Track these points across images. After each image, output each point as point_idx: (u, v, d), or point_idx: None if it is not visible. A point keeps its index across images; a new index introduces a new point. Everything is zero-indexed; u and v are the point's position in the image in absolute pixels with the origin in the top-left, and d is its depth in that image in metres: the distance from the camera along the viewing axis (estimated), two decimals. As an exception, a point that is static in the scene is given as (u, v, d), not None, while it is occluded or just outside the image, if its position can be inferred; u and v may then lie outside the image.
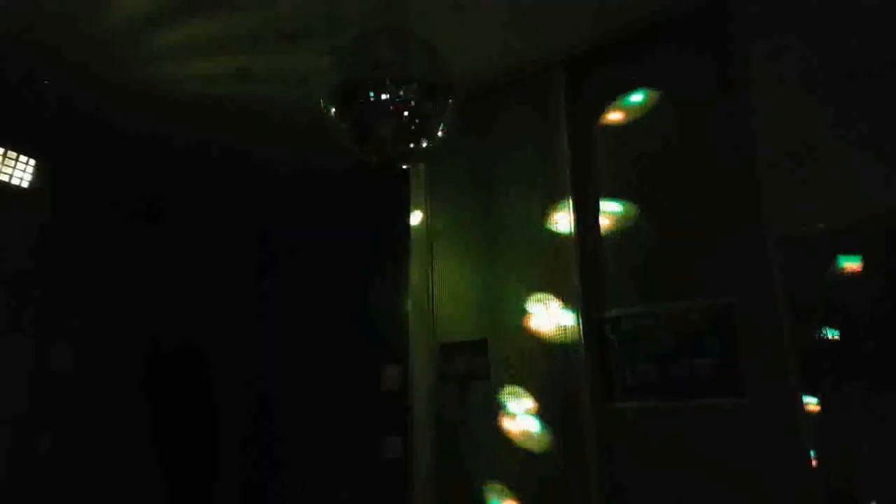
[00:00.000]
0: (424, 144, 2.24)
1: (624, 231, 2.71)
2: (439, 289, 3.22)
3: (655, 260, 2.59)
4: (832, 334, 2.17)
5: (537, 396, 2.77)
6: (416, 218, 3.42)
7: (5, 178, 3.39)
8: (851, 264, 2.15)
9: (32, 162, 3.49)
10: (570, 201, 2.83)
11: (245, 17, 2.59)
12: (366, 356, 3.88)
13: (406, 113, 2.07)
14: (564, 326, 2.73)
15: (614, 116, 2.83)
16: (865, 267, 2.12)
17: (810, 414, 2.14)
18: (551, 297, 2.81)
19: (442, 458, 3.01)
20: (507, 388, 2.86)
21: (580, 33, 2.78)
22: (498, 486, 2.78)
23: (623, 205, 2.73)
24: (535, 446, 2.72)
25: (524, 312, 2.87)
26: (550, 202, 2.90)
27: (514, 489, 2.75)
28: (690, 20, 2.62)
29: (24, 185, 3.45)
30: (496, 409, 2.86)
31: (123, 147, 3.71)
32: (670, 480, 2.39)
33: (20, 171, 3.44)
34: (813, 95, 2.18)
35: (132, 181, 3.97)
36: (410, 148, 2.26)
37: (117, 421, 3.65)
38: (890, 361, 2.02)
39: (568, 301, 2.75)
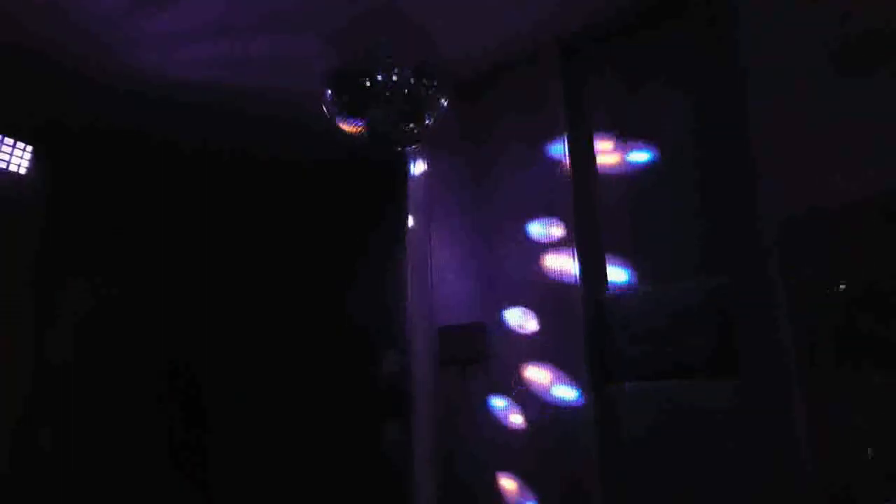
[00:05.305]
0: (420, 127, 2.24)
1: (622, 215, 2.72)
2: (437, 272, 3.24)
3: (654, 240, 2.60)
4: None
5: (535, 379, 2.79)
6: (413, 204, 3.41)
7: (2, 165, 3.39)
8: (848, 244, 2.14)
9: (30, 149, 3.48)
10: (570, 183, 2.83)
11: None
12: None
13: (400, 97, 2.06)
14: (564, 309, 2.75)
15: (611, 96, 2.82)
16: (862, 247, 2.11)
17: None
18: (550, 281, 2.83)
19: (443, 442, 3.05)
20: (506, 371, 2.88)
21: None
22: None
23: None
24: (534, 429, 2.76)
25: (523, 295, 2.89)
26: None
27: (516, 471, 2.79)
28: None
29: (22, 171, 3.46)
30: (495, 391, 2.89)
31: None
32: (667, 459, 2.42)
33: (17, 157, 3.44)
34: (811, 78, 2.16)
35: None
36: (405, 131, 2.26)
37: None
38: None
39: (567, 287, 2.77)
